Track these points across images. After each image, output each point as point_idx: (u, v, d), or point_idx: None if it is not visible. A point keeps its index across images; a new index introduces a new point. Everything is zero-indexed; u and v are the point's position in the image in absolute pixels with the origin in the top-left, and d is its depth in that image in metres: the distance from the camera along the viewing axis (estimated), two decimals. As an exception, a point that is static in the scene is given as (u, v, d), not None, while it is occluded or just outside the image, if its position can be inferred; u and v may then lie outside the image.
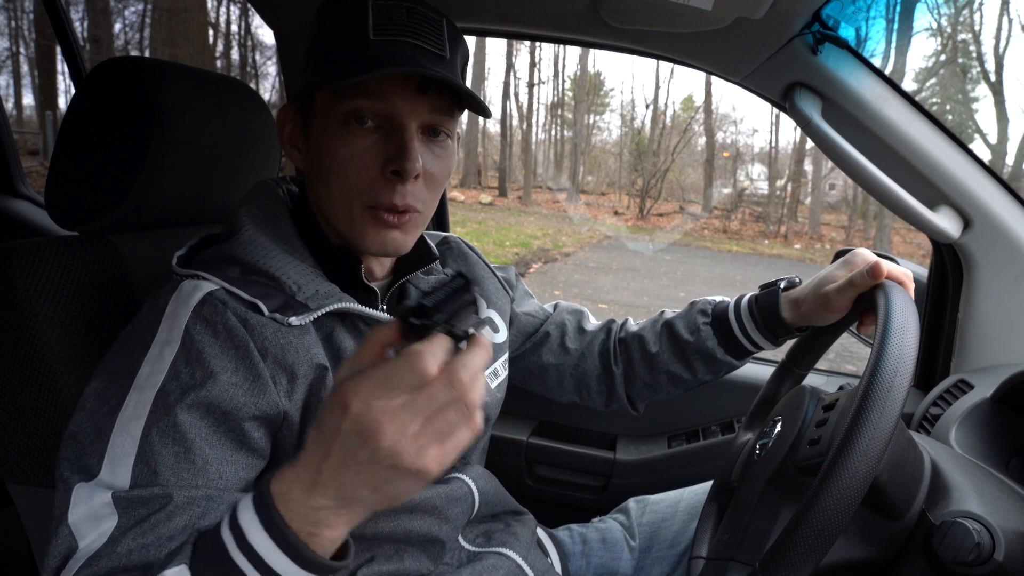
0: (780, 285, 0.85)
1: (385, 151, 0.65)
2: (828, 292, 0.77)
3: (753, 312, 0.86)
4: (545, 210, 13.58)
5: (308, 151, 0.70)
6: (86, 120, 0.75)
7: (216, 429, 0.59)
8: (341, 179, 0.66)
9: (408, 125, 0.65)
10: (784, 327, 0.83)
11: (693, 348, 0.89)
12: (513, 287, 0.97)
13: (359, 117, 0.64)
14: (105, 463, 0.56)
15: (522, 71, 17.19)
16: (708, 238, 11.88)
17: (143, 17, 9.73)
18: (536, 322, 0.97)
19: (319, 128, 0.67)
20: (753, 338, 0.86)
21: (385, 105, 0.64)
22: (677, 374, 0.92)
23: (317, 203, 0.71)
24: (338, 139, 0.65)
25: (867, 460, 0.47)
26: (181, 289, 0.63)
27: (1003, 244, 1.00)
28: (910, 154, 0.99)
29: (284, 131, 0.72)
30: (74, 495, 0.55)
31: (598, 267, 8.33)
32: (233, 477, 0.59)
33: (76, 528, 0.53)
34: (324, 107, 0.66)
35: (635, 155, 15.10)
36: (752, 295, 0.88)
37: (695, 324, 0.90)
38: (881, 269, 0.72)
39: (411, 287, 0.80)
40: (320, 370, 0.65)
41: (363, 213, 0.67)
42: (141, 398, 0.58)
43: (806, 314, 0.81)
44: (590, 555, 0.94)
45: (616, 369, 0.94)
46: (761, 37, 0.93)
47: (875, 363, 0.51)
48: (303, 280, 0.66)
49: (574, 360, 0.96)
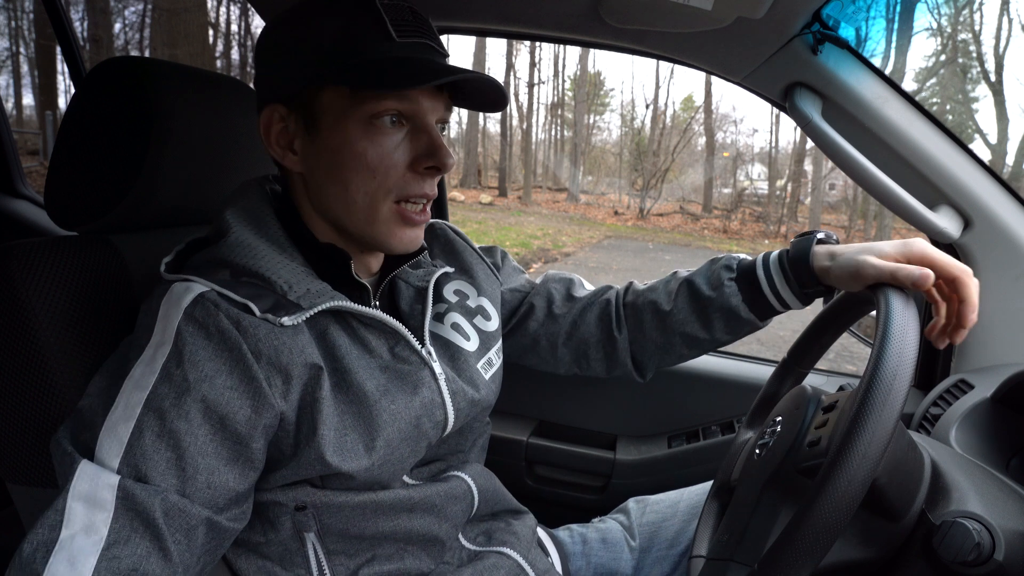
0: (817, 235, 0.80)
1: (413, 148, 0.67)
2: (866, 261, 0.69)
3: (784, 265, 0.80)
4: (545, 210, 13.58)
5: (314, 152, 0.68)
6: (86, 120, 0.75)
7: (212, 437, 0.59)
8: (368, 179, 0.66)
9: (431, 122, 0.67)
10: (812, 276, 0.77)
11: (716, 305, 0.83)
12: (501, 268, 0.95)
13: (382, 116, 0.65)
14: (96, 456, 0.56)
15: (522, 71, 17.22)
16: (708, 238, 11.88)
17: (143, 17, 9.73)
18: (521, 295, 0.95)
19: (332, 128, 0.66)
20: (781, 294, 0.80)
21: (411, 105, 0.66)
22: (693, 334, 0.86)
23: (324, 207, 0.70)
24: (364, 138, 0.65)
25: (866, 463, 0.47)
26: (172, 290, 0.62)
27: (1003, 244, 1.00)
28: (910, 154, 0.99)
29: (271, 132, 0.69)
30: (79, 470, 0.55)
31: (598, 267, 8.32)
32: (222, 488, 0.59)
33: (69, 507, 0.54)
34: (340, 107, 0.65)
35: (635, 155, 15.10)
36: (781, 250, 0.82)
37: (719, 279, 0.83)
38: (927, 283, 0.65)
39: (401, 282, 0.80)
40: (314, 370, 0.64)
41: (391, 211, 0.68)
42: (131, 400, 0.58)
43: (834, 269, 0.74)
44: (590, 555, 0.94)
45: (619, 335, 0.90)
46: (761, 37, 0.93)
47: (875, 363, 0.51)
48: (294, 279, 0.66)
49: (566, 328, 0.92)
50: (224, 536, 0.61)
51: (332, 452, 0.64)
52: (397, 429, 0.68)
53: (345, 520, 0.69)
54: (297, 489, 0.67)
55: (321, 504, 0.68)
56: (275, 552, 0.69)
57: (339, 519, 0.69)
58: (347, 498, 0.68)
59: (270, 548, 0.69)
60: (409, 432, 0.70)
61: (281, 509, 0.68)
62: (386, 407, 0.68)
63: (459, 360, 0.79)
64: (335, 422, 0.65)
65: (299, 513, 0.67)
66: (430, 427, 0.73)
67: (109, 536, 0.53)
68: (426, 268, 0.83)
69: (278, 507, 0.68)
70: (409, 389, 0.70)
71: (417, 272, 0.82)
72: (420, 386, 0.71)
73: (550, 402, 1.38)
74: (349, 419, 0.66)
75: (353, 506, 0.69)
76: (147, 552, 0.54)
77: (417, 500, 0.73)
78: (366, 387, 0.67)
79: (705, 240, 11.64)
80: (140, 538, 0.54)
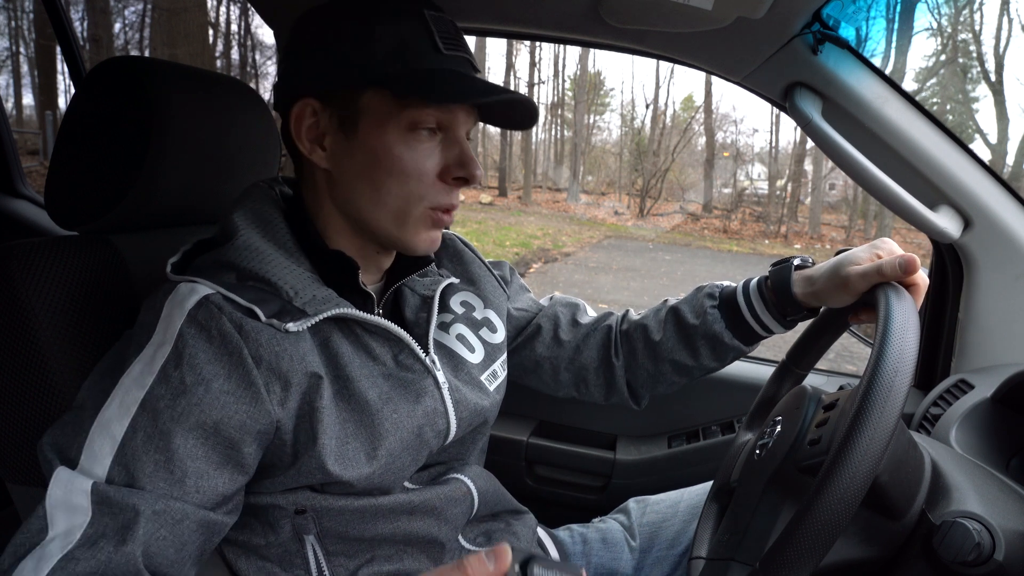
0: (793, 262, 0.82)
1: (444, 158, 0.68)
2: (849, 273, 0.71)
3: (763, 292, 0.82)
4: (545, 210, 13.57)
5: (347, 152, 0.67)
6: (86, 120, 0.75)
7: (204, 441, 0.59)
8: (403, 184, 0.66)
9: (462, 134, 0.69)
10: (795, 304, 0.79)
11: (700, 333, 0.85)
12: (509, 284, 0.96)
13: (419, 124, 0.66)
14: (82, 459, 0.56)
15: (522, 71, 17.18)
16: (708, 238, 11.88)
17: (143, 17, 9.73)
18: (528, 316, 0.95)
19: (373, 131, 0.66)
20: (763, 319, 0.82)
21: (448, 116, 0.67)
22: (682, 362, 0.88)
23: (350, 205, 0.69)
24: (402, 143, 0.66)
25: (868, 460, 0.47)
26: (177, 291, 0.62)
27: (1003, 244, 1.00)
28: (910, 154, 0.99)
29: (302, 125, 0.68)
30: (54, 477, 0.55)
31: (598, 267, 8.32)
32: (211, 492, 0.59)
33: (50, 514, 0.54)
34: (381, 110, 0.65)
35: (635, 155, 15.10)
36: (761, 276, 0.84)
37: (702, 308, 0.86)
38: (916, 265, 0.67)
39: (407, 290, 0.80)
40: (314, 379, 0.64)
41: (422, 215, 0.69)
42: (126, 398, 0.58)
43: (819, 292, 0.76)
44: (591, 555, 0.94)
45: (616, 361, 0.92)
46: (761, 37, 0.93)
47: (875, 363, 0.51)
48: (300, 285, 0.66)
49: (569, 353, 0.93)
50: (214, 531, 0.61)
51: (333, 461, 0.64)
52: (399, 438, 0.68)
53: (345, 523, 0.69)
54: (297, 493, 0.67)
55: (321, 508, 0.68)
56: (275, 554, 0.69)
57: (339, 522, 0.69)
58: (347, 502, 0.68)
59: (270, 550, 0.69)
60: (411, 441, 0.70)
61: (281, 513, 0.68)
62: (388, 415, 0.68)
63: (462, 371, 0.78)
64: (336, 431, 0.65)
65: (299, 516, 0.67)
66: (432, 436, 0.73)
67: (79, 540, 0.53)
68: (433, 277, 0.83)
69: (278, 511, 0.67)
70: (412, 397, 0.70)
71: (424, 280, 0.81)
72: (423, 395, 0.71)
73: (550, 402, 1.38)
74: (351, 427, 0.66)
75: (353, 510, 0.69)
76: (108, 557, 0.53)
77: (417, 503, 0.73)
78: (368, 396, 0.67)
79: (705, 240, 11.64)
80: (107, 542, 0.53)
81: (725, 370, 1.28)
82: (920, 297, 0.69)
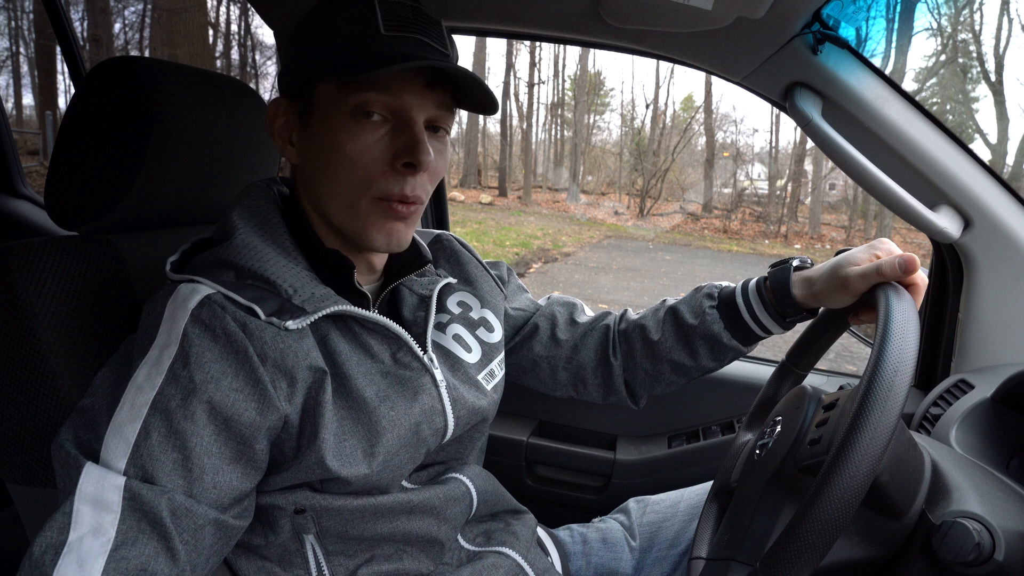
0: (792, 263, 0.81)
1: (394, 144, 0.66)
2: (848, 274, 0.71)
3: (762, 293, 0.82)
4: (545, 210, 13.57)
5: (307, 145, 0.69)
6: (86, 120, 0.75)
7: (217, 437, 0.59)
8: (349, 172, 0.66)
9: (417, 119, 0.66)
10: (794, 306, 0.79)
11: (698, 333, 0.85)
12: (506, 283, 0.96)
13: (366, 111, 0.65)
14: (103, 457, 0.57)
15: (522, 71, 17.20)
16: (708, 238, 11.88)
17: (143, 17, 9.72)
18: (526, 315, 0.95)
19: (321, 121, 0.66)
20: (761, 320, 0.82)
21: (394, 99, 0.65)
22: (680, 362, 0.87)
23: (315, 199, 0.70)
24: (345, 132, 0.65)
25: (868, 460, 0.47)
26: (178, 292, 0.62)
27: (1003, 244, 1.00)
28: (910, 154, 0.99)
29: (275, 125, 0.71)
30: (84, 472, 0.55)
31: (598, 267, 8.32)
32: (227, 487, 0.60)
33: (77, 509, 0.54)
34: (327, 100, 0.66)
35: (635, 155, 15.09)
36: (760, 277, 0.84)
37: (700, 308, 0.85)
38: (916, 265, 0.67)
39: (405, 289, 0.80)
40: (319, 373, 0.64)
41: (370, 204, 0.67)
42: (137, 401, 0.58)
43: (818, 294, 0.76)
44: (590, 555, 0.94)
45: (614, 361, 0.91)
46: (761, 37, 0.93)
47: (875, 363, 0.51)
48: (298, 283, 0.66)
49: (567, 352, 0.93)
50: (230, 534, 0.61)
51: (332, 456, 0.64)
52: (396, 435, 0.69)
53: (344, 523, 0.69)
54: (296, 493, 0.68)
55: (320, 507, 0.68)
56: (275, 553, 0.69)
57: (338, 522, 0.69)
58: (346, 502, 0.68)
59: (270, 550, 0.69)
60: (408, 439, 0.70)
61: (280, 512, 0.68)
62: (385, 413, 0.68)
63: (459, 371, 0.79)
64: (335, 427, 0.65)
65: (298, 516, 0.68)
66: (429, 434, 0.73)
67: (117, 537, 0.53)
68: (431, 277, 0.83)
69: (277, 510, 0.68)
70: (409, 395, 0.70)
71: (422, 280, 0.82)
72: (420, 392, 0.71)
73: (550, 402, 1.38)
74: (348, 424, 0.66)
75: (352, 509, 0.69)
76: (155, 552, 0.54)
77: (416, 503, 0.73)
78: (365, 393, 0.67)
79: (705, 240, 11.64)
80: (148, 538, 0.54)
81: (725, 370, 1.29)
82: (920, 297, 0.69)
